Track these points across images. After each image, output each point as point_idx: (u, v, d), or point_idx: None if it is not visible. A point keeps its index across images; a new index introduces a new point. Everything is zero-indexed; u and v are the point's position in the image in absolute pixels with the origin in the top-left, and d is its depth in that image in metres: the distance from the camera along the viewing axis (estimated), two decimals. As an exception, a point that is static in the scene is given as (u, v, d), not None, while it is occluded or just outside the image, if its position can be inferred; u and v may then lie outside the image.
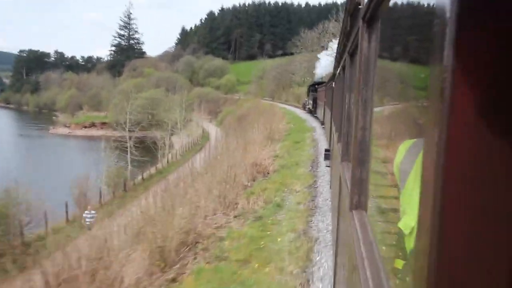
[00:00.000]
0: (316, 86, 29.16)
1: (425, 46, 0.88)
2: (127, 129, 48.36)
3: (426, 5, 0.94)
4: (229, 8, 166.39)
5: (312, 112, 31.09)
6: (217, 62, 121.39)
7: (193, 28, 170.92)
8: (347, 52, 3.83)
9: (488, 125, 0.55)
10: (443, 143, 0.58)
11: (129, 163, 33.54)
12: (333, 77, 10.16)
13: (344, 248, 2.64)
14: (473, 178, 0.57)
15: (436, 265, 0.59)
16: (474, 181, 0.57)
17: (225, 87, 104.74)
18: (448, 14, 0.57)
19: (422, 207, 0.69)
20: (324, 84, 21.11)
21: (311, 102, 31.85)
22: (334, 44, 29.53)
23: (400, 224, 1.43)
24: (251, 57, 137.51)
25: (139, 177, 30.00)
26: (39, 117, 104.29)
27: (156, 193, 10.76)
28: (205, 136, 56.08)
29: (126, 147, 49.54)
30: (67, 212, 18.90)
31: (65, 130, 70.86)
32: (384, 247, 1.64)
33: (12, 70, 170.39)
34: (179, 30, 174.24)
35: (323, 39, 44.39)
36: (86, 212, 17.18)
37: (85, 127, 71.30)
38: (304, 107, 38.51)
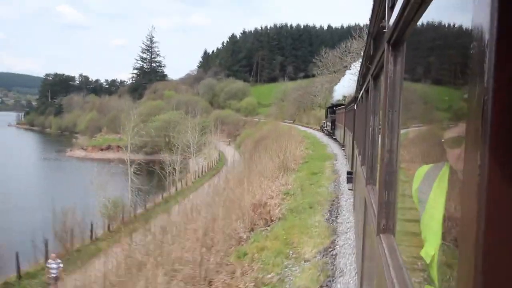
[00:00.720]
0: (334, 108, 28.84)
1: (455, 69, 0.88)
2: (128, 153, 46.05)
3: (457, 28, 0.93)
4: (251, 31, 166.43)
5: (331, 134, 30.77)
6: (238, 84, 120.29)
7: (215, 51, 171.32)
8: (370, 75, 3.83)
9: None
10: (487, 165, 0.57)
11: (129, 191, 30.94)
12: (354, 99, 10.05)
13: (371, 273, 2.58)
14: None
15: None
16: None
17: (246, 110, 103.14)
18: (487, 37, 0.57)
19: (464, 232, 0.67)
20: (344, 106, 20.56)
21: (329, 124, 31.56)
22: (357, 63, 28.23)
23: (422, 253, 1.42)
24: (273, 80, 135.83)
25: (144, 206, 27.77)
26: (60, 139, 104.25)
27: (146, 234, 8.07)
28: (221, 160, 53.82)
29: (137, 172, 47.57)
30: (46, 251, 16.05)
31: (81, 153, 69.64)
32: (414, 273, 1.60)
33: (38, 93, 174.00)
34: (201, 53, 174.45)
35: (345, 59, 41.70)
36: (49, 261, 14.43)
37: (102, 149, 69.99)
38: (322, 129, 38.13)
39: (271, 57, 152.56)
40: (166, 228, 10.71)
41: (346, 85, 34.37)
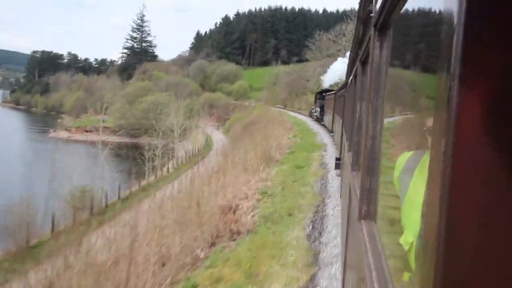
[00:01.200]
0: (324, 93, 28.47)
1: (434, 55, 0.89)
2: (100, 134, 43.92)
3: (436, 13, 0.95)
4: (244, 13, 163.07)
5: (319, 119, 30.37)
6: (230, 67, 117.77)
7: (207, 32, 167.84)
8: (359, 60, 3.84)
9: (494, 133, 0.55)
10: (450, 152, 0.57)
11: (101, 177, 28.66)
12: (345, 85, 10.09)
13: (353, 259, 2.58)
14: (479, 186, 0.56)
15: (443, 272, 0.58)
16: (480, 187, 0.56)
17: (237, 93, 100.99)
18: (455, 21, 0.57)
19: (427, 216, 0.68)
20: (333, 92, 20.43)
21: (318, 109, 31.14)
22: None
23: (401, 240, 1.43)
24: (266, 64, 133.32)
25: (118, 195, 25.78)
26: (46, 119, 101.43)
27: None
28: (209, 145, 51.91)
29: (120, 154, 45.62)
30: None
31: (65, 134, 67.24)
32: (393, 259, 1.61)
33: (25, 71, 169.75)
34: (194, 35, 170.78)
35: (339, 42, 39.64)
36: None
37: (87, 131, 67.61)
38: (310, 115, 37.49)
39: (264, 40, 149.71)
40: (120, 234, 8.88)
41: (335, 70, 33.26)
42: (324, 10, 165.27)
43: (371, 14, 2.18)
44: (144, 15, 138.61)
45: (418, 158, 1.43)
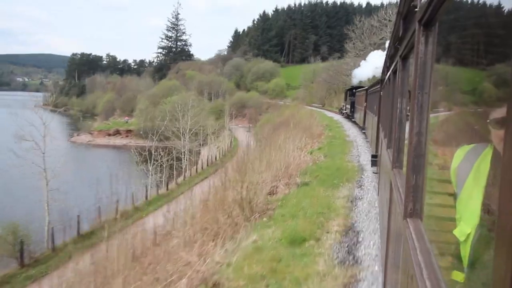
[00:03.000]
0: (354, 90, 28.10)
1: (485, 50, 0.85)
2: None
3: (495, 6, 0.92)
4: (283, 9, 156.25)
5: (350, 117, 29.95)
6: (266, 64, 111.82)
7: (245, 30, 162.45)
8: (399, 56, 3.81)
9: None
10: None
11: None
12: (380, 82, 10.25)
13: (398, 257, 2.56)
14: None
15: None
16: None
17: (273, 92, 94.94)
18: None
19: (503, 211, 0.65)
20: (365, 88, 20.11)
21: (348, 107, 30.71)
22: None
23: (456, 231, 1.44)
24: (305, 61, 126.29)
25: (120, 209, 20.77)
26: (79, 122, 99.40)
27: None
28: (234, 149, 46.22)
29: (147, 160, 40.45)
30: None
31: (86, 138, 63.61)
32: (441, 257, 1.65)
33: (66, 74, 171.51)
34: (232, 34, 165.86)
35: (384, 29, 32.56)
36: None
37: (109, 134, 63.73)
38: (341, 112, 37.21)
39: (304, 36, 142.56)
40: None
41: (369, 65, 31.95)
42: (368, 4, 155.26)
43: (415, 9, 2.19)
44: (179, 14, 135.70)
45: (479, 151, 1.44)
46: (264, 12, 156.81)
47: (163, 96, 68.00)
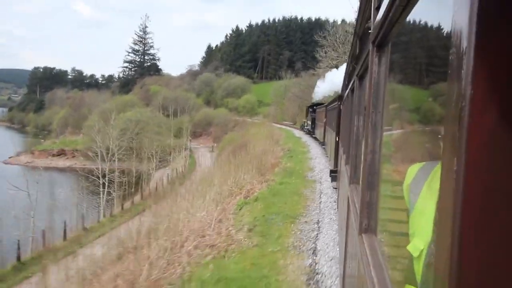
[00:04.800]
0: (315, 107, 28.97)
1: (437, 71, 0.90)
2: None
3: (441, 32, 0.95)
4: (257, 24, 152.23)
5: (311, 132, 30.72)
6: (237, 80, 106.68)
7: (218, 45, 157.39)
8: (355, 75, 3.91)
9: (505, 151, 0.55)
10: (462, 170, 0.57)
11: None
12: (338, 98, 10.63)
13: (353, 272, 2.60)
14: (492, 205, 0.56)
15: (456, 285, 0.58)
16: (491, 207, 0.56)
17: (244, 109, 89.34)
18: (465, 43, 0.56)
19: (438, 235, 0.67)
20: (324, 105, 20.59)
21: (309, 123, 31.61)
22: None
23: (409, 247, 1.47)
24: (279, 77, 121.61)
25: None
26: (32, 139, 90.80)
27: None
28: (189, 173, 39.67)
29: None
30: None
31: (25, 159, 55.73)
32: (394, 272, 1.65)
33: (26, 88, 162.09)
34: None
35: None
36: None
37: (53, 155, 56.11)
38: (302, 128, 38.78)
39: (278, 52, 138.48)
40: None
41: (327, 85, 31.47)
42: (343, 21, 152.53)
43: (369, 31, 2.21)
44: (147, 27, 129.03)
45: (430, 168, 1.48)
46: (237, 27, 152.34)
47: (117, 112, 61.06)
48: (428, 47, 1.19)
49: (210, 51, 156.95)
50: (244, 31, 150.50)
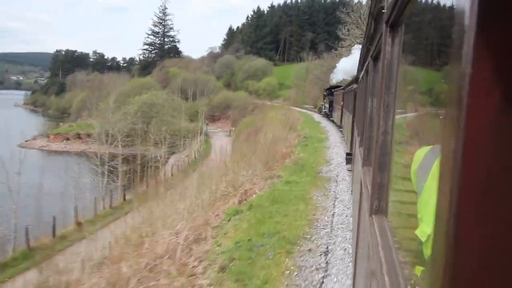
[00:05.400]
0: (333, 90, 28.56)
1: (445, 52, 0.88)
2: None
3: (447, 10, 0.95)
4: (279, 5, 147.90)
5: (328, 116, 30.52)
6: (258, 62, 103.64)
7: (239, 27, 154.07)
8: (370, 56, 3.85)
9: (506, 131, 0.55)
10: (460, 150, 0.57)
11: None
12: (355, 80, 10.33)
13: (364, 253, 2.64)
14: (491, 185, 0.56)
15: (452, 272, 0.59)
16: (491, 188, 0.56)
17: (264, 92, 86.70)
18: (467, 19, 0.57)
19: (438, 214, 0.68)
20: (342, 87, 20.66)
21: (327, 106, 31.37)
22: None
23: (417, 232, 1.47)
24: (302, 59, 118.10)
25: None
26: (51, 122, 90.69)
27: None
28: (202, 160, 37.85)
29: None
30: None
31: (40, 143, 55.02)
32: (404, 253, 1.65)
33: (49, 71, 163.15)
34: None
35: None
36: None
37: (67, 139, 55.17)
38: (320, 111, 38.27)
39: (300, 33, 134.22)
40: None
41: (347, 66, 30.52)
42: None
43: (383, 10, 2.21)
44: (166, 8, 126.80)
45: (437, 152, 1.42)
46: (258, 7, 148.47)
47: (133, 95, 59.61)
48: (441, 27, 1.14)
49: (231, 33, 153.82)
50: (265, 12, 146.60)
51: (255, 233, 5.46)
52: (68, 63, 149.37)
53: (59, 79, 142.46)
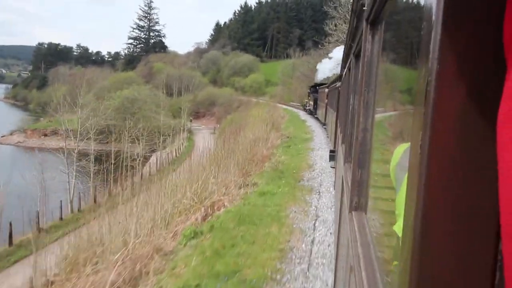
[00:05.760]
0: (317, 87, 28.82)
1: (416, 50, 0.94)
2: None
3: (419, 7, 1.00)
4: (267, 1, 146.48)
5: (313, 113, 30.89)
6: (245, 58, 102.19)
7: (226, 23, 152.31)
8: (352, 54, 3.89)
9: (470, 128, 0.56)
10: (427, 147, 0.58)
11: None
12: (339, 77, 10.48)
13: (343, 249, 2.64)
14: (455, 181, 0.57)
15: (419, 265, 0.60)
16: (456, 183, 0.57)
17: (250, 89, 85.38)
18: (434, 17, 0.57)
19: (407, 209, 0.69)
20: (326, 85, 20.88)
21: (311, 103, 31.97)
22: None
23: (395, 227, 1.50)
24: (289, 56, 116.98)
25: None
26: (31, 117, 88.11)
27: None
28: (182, 158, 36.42)
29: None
30: None
31: (17, 139, 52.91)
32: (382, 249, 1.68)
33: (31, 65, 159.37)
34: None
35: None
36: None
37: (45, 134, 53.16)
38: (304, 108, 38.47)
39: (288, 30, 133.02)
40: None
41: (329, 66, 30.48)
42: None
43: (364, 8, 2.21)
44: (152, 1, 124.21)
45: None
46: (246, 3, 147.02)
47: (115, 90, 57.71)
48: (418, 25, 1.11)
49: (218, 28, 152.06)
50: (253, 8, 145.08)
51: (208, 272, 4.13)
52: (51, 57, 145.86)
53: (41, 72, 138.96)
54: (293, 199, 7.26)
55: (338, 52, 32.13)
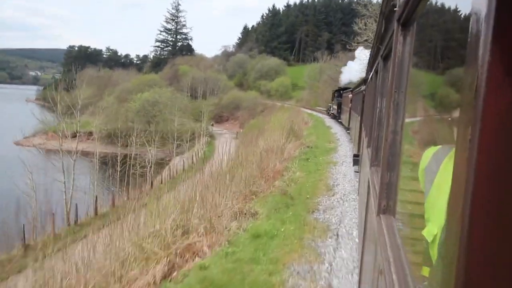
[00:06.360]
0: (341, 91, 28.72)
1: (458, 52, 0.91)
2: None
3: (463, 7, 0.96)
4: (295, 4, 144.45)
5: (337, 117, 30.04)
6: (272, 61, 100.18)
7: (254, 26, 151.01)
8: (380, 56, 3.84)
9: None
10: (476, 146, 0.57)
11: None
12: (364, 81, 10.47)
13: (371, 253, 2.60)
14: (505, 181, 0.56)
15: (464, 271, 0.58)
16: (506, 184, 0.56)
17: (277, 92, 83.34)
18: (483, 18, 0.57)
19: (451, 210, 0.68)
20: (350, 89, 21.03)
21: (335, 107, 30.93)
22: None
23: (424, 232, 1.46)
24: (316, 60, 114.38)
25: None
26: (54, 119, 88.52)
27: None
28: (200, 164, 34.71)
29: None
30: None
31: (38, 141, 52.46)
32: (411, 253, 1.65)
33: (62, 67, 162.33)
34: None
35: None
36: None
37: (66, 137, 52.39)
38: (328, 112, 37.95)
39: (316, 33, 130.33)
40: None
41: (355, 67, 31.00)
42: None
43: (395, 8, 2.18)
44: (179, 4, 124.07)
45: (446, 152, 1.43)
46: (273, 6, 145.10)
47: (136, 92, 56.71)
48: (452, 27, 1.14)
49: (246, 32, 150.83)
50: (281, 11, 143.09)
51: None
52: (81, 59, 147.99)
53: (72, 75, 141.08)
54: (299, 248, 5.00)
55: (360, 52, 30.95)
